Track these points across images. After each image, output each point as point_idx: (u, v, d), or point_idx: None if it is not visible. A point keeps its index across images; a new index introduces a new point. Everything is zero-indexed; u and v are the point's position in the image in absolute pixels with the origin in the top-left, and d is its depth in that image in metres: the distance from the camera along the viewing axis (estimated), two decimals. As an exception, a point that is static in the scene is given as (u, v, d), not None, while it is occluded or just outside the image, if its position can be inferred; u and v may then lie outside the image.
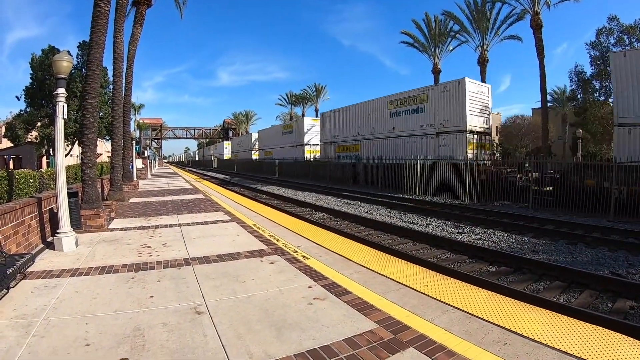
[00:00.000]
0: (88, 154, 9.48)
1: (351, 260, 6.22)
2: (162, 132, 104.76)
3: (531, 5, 27.66)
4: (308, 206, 17.92)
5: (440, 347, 3.35)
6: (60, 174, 7.09)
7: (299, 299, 4.52)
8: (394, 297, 4.52)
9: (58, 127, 7.08)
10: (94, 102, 9.65)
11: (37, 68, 29.17)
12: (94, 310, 4.23)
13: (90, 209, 8.94)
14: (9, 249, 6.00)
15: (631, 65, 15.52)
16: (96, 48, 9.78)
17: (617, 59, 16.41)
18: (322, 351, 3.31)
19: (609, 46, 32.58)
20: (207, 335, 3.62)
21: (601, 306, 6.20)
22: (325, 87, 69.81)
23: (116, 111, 15.95)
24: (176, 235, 8.35)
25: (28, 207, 7.02)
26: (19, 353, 3.29)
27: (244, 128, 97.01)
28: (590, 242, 10.26)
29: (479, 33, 32.78)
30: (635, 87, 15.30)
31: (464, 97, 21.30)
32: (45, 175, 10.43)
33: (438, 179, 20.57)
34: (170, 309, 4.28)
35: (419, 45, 38.59)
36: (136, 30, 19.54)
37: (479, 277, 7.29)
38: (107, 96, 28.38)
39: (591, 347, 3.31)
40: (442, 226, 12.89)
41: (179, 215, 11.17)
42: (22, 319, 4.01)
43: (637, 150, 14.82)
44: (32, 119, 30.25)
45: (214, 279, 5.33)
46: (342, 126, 33.76)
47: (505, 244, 10.35)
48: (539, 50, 27.40)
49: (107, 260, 6.38)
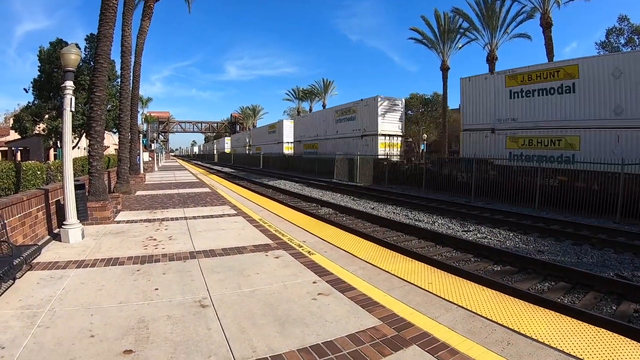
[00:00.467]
0: (95, 146, 9.52)
1: (356, 256, 6.21)
2: (169, 125, 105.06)
3: (541, 4, 27.39)
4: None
5: (444, 345, 3.35)
6: (67, 166, 7.14)
7: (303, 294, 4.53)
8: (398, 294, 4.52)
9: (66, 119, 7.12)
10: (102, 94, 9.68)
11: (45, 61, 29.24)
12: (99, 302, 4.26)
13: (96, 201, 9.00)
14: (16, 240, 6.05)
15: (471, 88, 22.09)
16: (104, 41, 9.80)
17: (465, 83, 22.60)
18: (326, 347, 3.32)
19: (619, 46, 32.32)
20: (211, 329, 3.64)
21: (605, 308, 6.17)
22: (333, 83, 69.29)
23: (124, 104, 16.02)
24: (182, 229, 8.39)
25: (35, 199, 7.07)
26: (24, 343, 3.32)
27: (251, 122, 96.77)
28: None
29: (488, 31, 32.50)
30: (473, 104, 22.11)
31: (377, 109, 29.26)
32: (52, 167, 10.48)
33: (362, 169, 28.47)
34: (174, 301, 4.31)
35: (428, 42, 38.32)
36: (144, 23, 19.57)
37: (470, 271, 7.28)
38: (114, 89, 28.45)
39: (594, 349, 3.29)
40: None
41: (185, 209, 11.22)
42: (27, 309, 4.05)
43: (475, 148, 21.35)
44: (39, 111, 30.38)
45: (219, 272, 5.36)
46: (308, 128, 42.17)
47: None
48: (548, 49, 27.16)
49: (112, 252, 6.42)
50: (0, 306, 4.11)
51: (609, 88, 15.86)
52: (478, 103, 21.80)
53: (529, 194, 16.59)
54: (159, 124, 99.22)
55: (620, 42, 33.33)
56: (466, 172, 20.28)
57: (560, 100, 17.65)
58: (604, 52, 32.89)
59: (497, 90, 20.50)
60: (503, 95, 20.20)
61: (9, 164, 8.54)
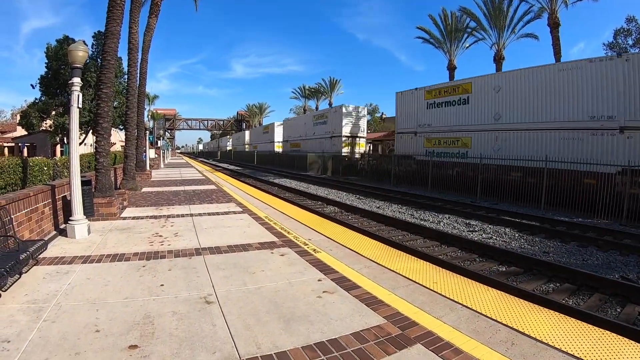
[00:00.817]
0: (102, 142, 9.57)
1: (361, 254, 6.21)
2: (175, 122, 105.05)
3: (549, 4, 27.28)
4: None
5: (448, 345, 3.35)
6: (74, 162, 7.17)
7: (308, 292, 4.54)
8: (403, 293, 4.52)
9: (73, 115, 7.15)
10: (109, 91, 9.73)
11: (52, 57, 29.35)
12: (105, 297, 4.28)
13: (103, 197, 9.05)
14: (22, 235, 6.09)
15: (402, 100, 27.42)
16: (111, 38, 9.85)
17: (398, 96, 27.80)
18: (330, 344, 3.32)
19: (627, 47, 32.06)
20: (216, 325, 3.65)
21: (610, 310, 6.14)
22: (340, 81, 68.86)
23: (130, 101, 16.09)
24: (188, 225, 8.41)
25: (42, 194, 7.10)
26: (30, 337, 3.35)
27: (257, 120, 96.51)
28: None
29: (496, 30, 32.33)
30: (403, 112, 27.43)
31: (341, 116, 36.51)
32: (59, 163, 10.54)
33: (332, 164, 35.60)
34: (180, 297, 4.32)
35: (435, 41, 38.22)
36: (151, 21, 19.64)
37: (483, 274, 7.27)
38: (121, 86, 28.52)
39: (598, 351, 3.26)
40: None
41: (191, 206, 11.25)
42: (33, 304, 4.08)
43: (405, 147, 26.69)
44: (46, 107, 30.48)
45: (224, 269, 5.37)
46: (293, 130, 49.90)
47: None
48: (555, 49, 27.05)
49: (118, 248, 6.45)
50: (7, 300, 4.15)
51: (491, 100, 20.49)
52: (407, 112, 27.07)
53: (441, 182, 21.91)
54: (165, 121, 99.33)
55: (628, 43, 33.07)
56: (397, 165, 26.08)
57: (459, 110, 22.67)
58: (612, 53, 32.62)
59: (418, 102, 25.82)
60: (423, 106, 25.45)
61: (16, 160, 8.59)
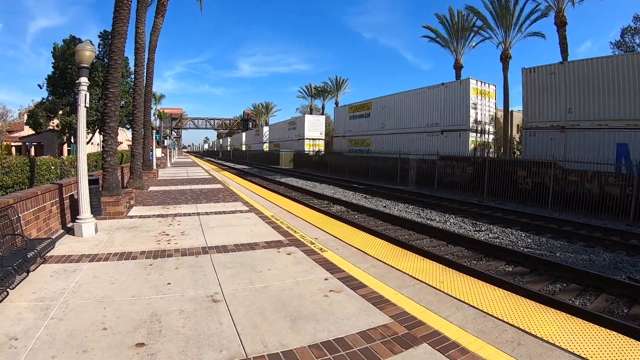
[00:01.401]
0: (109, 142, 9.62)
1: (368, 253, 6.20)
2: (182, 121, 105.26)
3: (556, 2, 27.06)
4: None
5: (454, 344, 3.34)
6: (81, 161, 7.21)
7: (314, 291, 4.54)
8: (409, 292, 4.51)
9: (80, 115, 7.19)
10: (116, 91, 9.77)
11: (59, 57, 29.60)
12: (112, 296, 4.31)
13: (110, 196, 9.09)
14: (30, 234, 6.14)
15: (338, 113, 41.62)
16: (118, 38, 9.89)
17: (336, 110, 42.82)
18: (337, 343, 3.32)
19: (634, 46, 31.80)
20: (223, 323, 3.66)
21: (617, 311, 6.10)
22: (346, 81, 68.35)
23: (137, 100, 16.16)
24: (194, 224, 8.44)
25: (49, 193, 7.16)
26: (37, 335, 3.37)
27: (263, 119, 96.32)
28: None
29: (502, 29, 32.11)
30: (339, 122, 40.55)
31: (304, 122, 48.58)
32: (66, 162, 10.62)
33: (295, 158, 47.42)
34: (187, 296, 4.34)
35: (441, 40, 38.09)
36: (158, 20, 19.70)
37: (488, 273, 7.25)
38: (128, 85, 28.70)
39: (605, 352, 3.24)
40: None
41: (198, 205, 11.28)
42: (41, 301, 4.11)
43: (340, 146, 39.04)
44: (53, 107, 30.73)
45: (231, 268, 5.38)
46: (276, 133, 61.94)
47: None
48: (562, 48, 26.84)
49: (125, 246, 6.49)
50: (14, 298, 4.18)
51: (380, 114, 31.21)
52: (339, 121, 39.55)
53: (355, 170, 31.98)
54: (172, 120, 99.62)
55: (635, 42, 32.73)
56: (335, 160, 36.79)
57: (365, 120, 33.74)
58: (619, 52, 32.34)
59: (346, 115, 37.29)
60: (347, 117, 36.96)
61: (24, 159, 8.66)
